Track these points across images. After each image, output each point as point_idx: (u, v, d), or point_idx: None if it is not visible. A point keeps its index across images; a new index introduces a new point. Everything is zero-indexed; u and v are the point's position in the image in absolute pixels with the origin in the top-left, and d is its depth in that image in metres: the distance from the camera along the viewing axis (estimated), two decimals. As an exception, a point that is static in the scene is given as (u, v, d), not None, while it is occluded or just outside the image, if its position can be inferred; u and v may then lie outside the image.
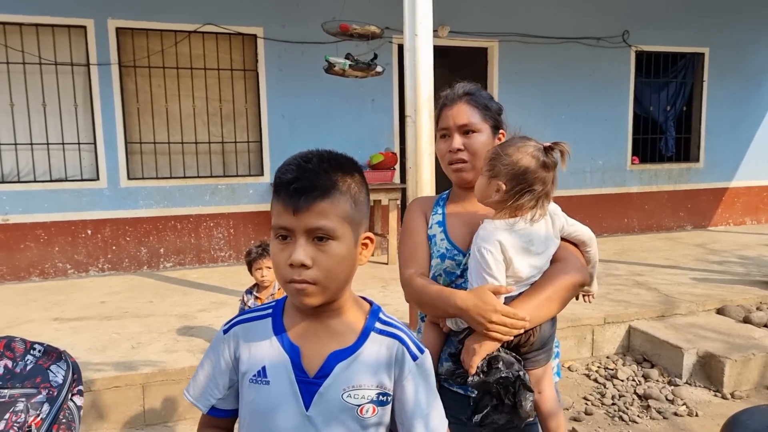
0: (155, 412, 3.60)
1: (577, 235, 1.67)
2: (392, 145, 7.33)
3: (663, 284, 5.48)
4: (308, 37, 6.78)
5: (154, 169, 6.64)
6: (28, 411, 1.15)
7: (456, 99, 1.73)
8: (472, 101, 1.72)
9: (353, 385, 1.14)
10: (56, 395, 1.21)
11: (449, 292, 1.57)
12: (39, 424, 1.15)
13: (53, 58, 6.15)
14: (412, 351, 1.19)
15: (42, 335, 4.33)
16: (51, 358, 1.27)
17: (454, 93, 1.75)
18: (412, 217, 1.82)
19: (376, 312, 1.22)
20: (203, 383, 1.22)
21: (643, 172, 8.69)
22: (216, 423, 1.25)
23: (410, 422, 1.18)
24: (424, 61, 3.76)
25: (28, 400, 1.17)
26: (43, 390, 1.20)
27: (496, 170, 1.57)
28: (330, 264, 1.09)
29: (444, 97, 1.78)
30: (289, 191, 1.08)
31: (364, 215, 1.17)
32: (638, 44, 8.33)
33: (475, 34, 7.56)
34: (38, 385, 1.21)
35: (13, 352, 1.25)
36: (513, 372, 1.50)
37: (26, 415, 1.14)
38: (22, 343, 1.27)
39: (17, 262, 6.21)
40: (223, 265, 6.84)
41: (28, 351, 1.26)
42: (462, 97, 1.73)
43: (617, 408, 3.77)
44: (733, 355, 4.01)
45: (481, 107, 1.72)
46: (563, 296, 1.58)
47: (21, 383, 1.21)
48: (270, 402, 1.14)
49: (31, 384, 1.21)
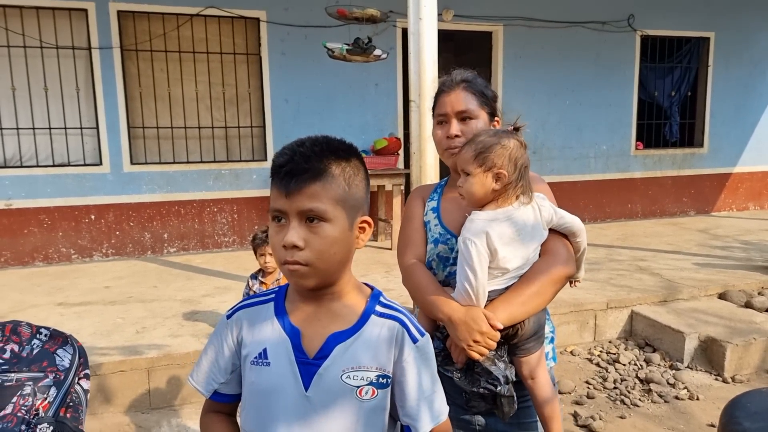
0: (160, 395, 3.62)
1: (567, 226, 1.66)
2: (396, 130, 7.31)
3: (666, 269, 5.49)
4: (311, 21, 6.73)
5: (157, 154, 6.63)
6: (36, 394, 1.16)
7: (453, 85, 1.74)
8: (469, 88, 1.72)
9: (352, 366, 1.14)
10: (63, 379, 1.22)
11: (443, 300, 1.60)
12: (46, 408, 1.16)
13: (54, 42, 6.12)
14: (412, 333, 1.19)
15: (47, 320, 4.36)
16: (57, 342, 1.27)
17: (452, 79, 1.76)
18: (411, 204, 1.87)
19: (376, 296, 1.23)
20: (206, 368, 1.24)
21: (647, 158, 8.66)
22: (219, 407, 1.27)
23: (414, 405, 1.18)
24: (429, 46, 3.73)
25: (35, 384, 1.18)
26: (50, 374, 1.22)
27: (489, 162, 1.57)
28: (322, 245, 1.10)
29: (441, 83, 1.79)
30: (281, 174, 1.11)
31: (360, 199, 1.18)
32: (643, 29, 8.26)
33: (479, 18, 7.50)
34: (45, 369, 1.22)
35: (19, 336, 1.26)
36: (490, 384, 1.55)
37: (33, 399, 1.15)
38: (28, 328, 1.28)
39: (21, 247, 6.23)
40: (227, 251, 6.86)
41: (34, 335, 1.27)
42: (459, 84, 1.73)
43: (619, 392, 3.80)
44: (734, 340, 4.02)
45: (478, 94, 1.73)
46: (551, 290, 1.60)
47: (28, 367, 1.22)
48: (270, 383, 1.16)
49: (38, 368, 1.22)
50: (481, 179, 1.59)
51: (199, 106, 6.73)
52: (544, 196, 1.66)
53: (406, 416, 1.20)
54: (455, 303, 1.59)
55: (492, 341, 1.53)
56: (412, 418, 1.19)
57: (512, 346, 1.61)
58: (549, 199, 1.68)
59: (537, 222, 1.60)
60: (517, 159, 1.59)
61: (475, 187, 1.59)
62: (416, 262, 1.73)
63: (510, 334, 1.58)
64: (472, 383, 1.57)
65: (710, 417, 3.46)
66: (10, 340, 1.24)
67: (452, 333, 1.58)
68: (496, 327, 1.52)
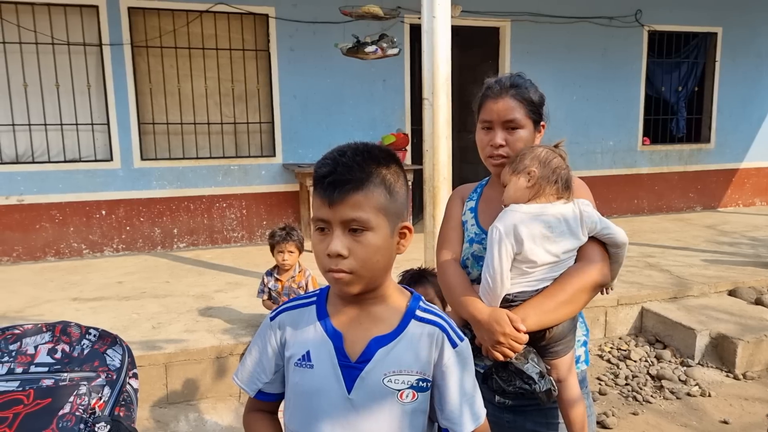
0: (178, 391, 3.67)
1: (610, 236, 1.67)
2: (404, 125, 7.33)
3: (674, 266, 5.51)
4: (320, 17, 6.75)
5: (167, 150, 6.66)
6: (90, 394, 1.20)
7: (501, 92, 1.71)
8: (517, 95, 1.70)
9: (394, 370, 1.17)
10: (116, 378, 1.25)
11: (470, 300, 1.64)
12: (102, 407, 1.19)
13: (66, 38, 6.13)
14: (452, 338, 1.22)
15: (63, 315, 4.40)
16: (106, 342, 1.31)
17: (501, 85, 1.73)
18: (450, 204, 1.92)
19: (417, 299, 1.26)
20: (251, 368, 1.27)
21: (653, 153, 8.67)
22: (262, 406, 1.31)
23: (455, 408, 1.20)
24: (442, 43, 3.74)
25: (90, 383, 1.21)
26: (101, 373, 1.25)
27: (521, 166, 1.65)
28: (365, 254, 1.13)
29: (488, 87, 1.76)
30: (324, 185, 1.13)
31: (401, 205, 1.20)
32: (651, 24, 8.26)
33: (487, 14, 7.50)
34: (96, 369, 1.25)
35: (69, 336, 1.29)
36: (526, 384, 1.58)
37: (89, 398, 1.18)
38: (77, 328, 1.32)
39: (33, 242, 6.27)
40: (236, 246, 6.90)
41: (83, 335, 1.30)
42: (508, 90, 1.71)
43: (631, 388, 3.83)
44: (745, 337, 4.06)
45: (526, 102, 1.71)
46: (583, 297, 1.62)
47: (79, 367, 1.25)
48: (314, 385, 1.19)
49: (89, 367, 1.25)
50: (514, 182, 1.65)
51: (208, 102, 6.75)
52: (589, 203, 1.68)
53: (446, 419, 1.22)
54: (481, 304, 1.62)
55: (516, 343, 1.55)
56: (453, 422, 1.21)
57: (540, 348, 1.63)
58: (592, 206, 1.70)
59: (574, 222, 1.63)
60: (546, 160, 1.65)
61: (510, 190, 1.66)
62: (449, 260, 1.77)
63: (537, 337, 1.61)
64: (507, 383, 1.60)
65: (723, 413, 3.50)
66: (60, 340, 1.28)
67: (477, 333, 1.61)
68: (520, 329, 1.54)
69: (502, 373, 1.63)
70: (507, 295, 1.62)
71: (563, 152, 1.70)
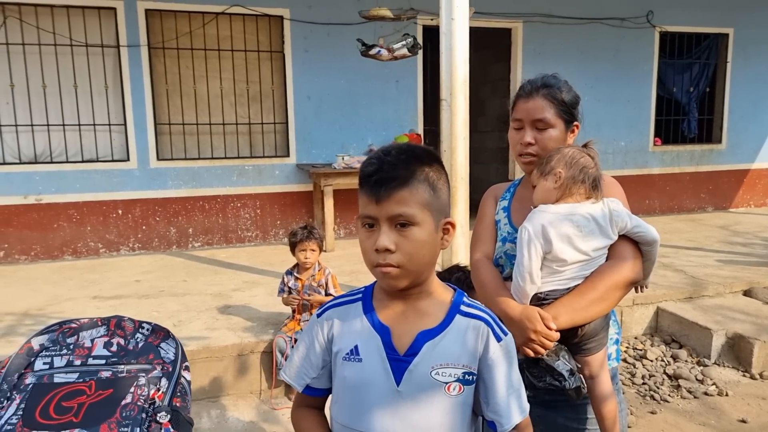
0: (201, 388, 3.72)
1: (641, 234, 1.69)
2: (416, 126, 7.36)
3: (689, 266, 5.53)
4: (334, 19, 6.80)
5: (183, 150, 6.73)
6: (149, 385, 1.24)
7: (533, 92, 1.75)
8: (549, 95, 1.74)
9: (441, 363, 1.21)
10: (171, 371, 1.30)
11: (502, 298, 1.67)
12: (161, 398, 1.24)
13: (84, 40, 6.21)
14: (496, 333, 1.26)
15: (84, 313, 4.46)
16: (159, 336, 1.36)
17: (532, 85, 1.77)
18: (483, 203, 1.95)
19: (461, 294, 1.30)
20: (298, 364, 1.31)
21: (665, 154, 8.68)
22: (310, 401, 1.34)
23: (502, 401, 1.24)
24: (460, 45, 3.79)
25: (147, 375, 1.26)
26: (156, 366, 1.30)
27: (548, 168, 1.68)
28: (412, 248, 1.17)
29: (521, 87, 1.81)
30: (370, 183, 1.18)
31: (444, 202, 1.24)
32: (662, 25, 8.27)
33: (499, 15, 7.53)
34: (152, 362, 1.30)
35: (123, 330, 1.34)
36: (556, 381, 1.61)
37: (148, 389, 1.23)
38: (131, 322, 1.36)
39: (50, 241, 6.35)
40: (250, 245, 6.95)
41: (137, 329, 1.35)
42: (539, 90, 1.74)
43: (648, 387, 3.86)
44: (761, 337, 4.07)
45: (557, 102, 1.74)
46: (615, 295, 1.64)
47: (135, 359, 1.30)
48: (363, 378, 1.23)
49: (145, 360, 1.30)
50: (542, 183, 1.69)
51: (223, 103, 6.81)
52: (619, 201, 1.70)
53: (492, 412, 1.25)
54: (513, 301, 1.65)
55: (547, 341, 1.58)
56: (500, 414, 1.24)
57: (573, 345, 1.66)
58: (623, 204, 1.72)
59: (603, 221, 1.65)
60: (573, 159, 1.67)
61: (538, 191, 1.70)
62: (482, 258, 1.81)
63: (570, 335, 1.64)
64: (538, 378, 1.64)
65: (740, 413, 3.52)
66: (115, 334, 1.33)
67: (509, 330, 1.64)
68: (551, 327, 1.57)
69: (533, 369, 1.66)
70: (538, 294, 1.65)
71: (593, 152, 1.72)
